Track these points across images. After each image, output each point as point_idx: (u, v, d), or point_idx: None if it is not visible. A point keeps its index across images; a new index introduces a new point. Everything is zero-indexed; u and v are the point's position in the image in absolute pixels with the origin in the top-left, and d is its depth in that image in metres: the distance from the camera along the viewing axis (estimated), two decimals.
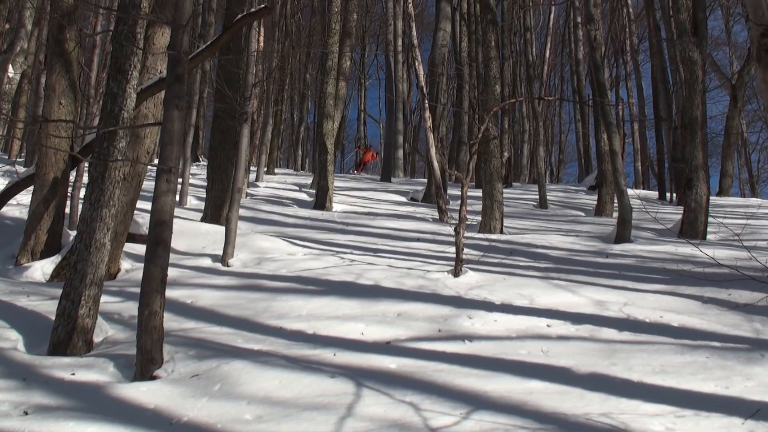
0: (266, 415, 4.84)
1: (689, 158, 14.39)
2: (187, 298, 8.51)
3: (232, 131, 13.43)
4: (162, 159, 5.98)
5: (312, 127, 43.69)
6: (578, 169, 40.98)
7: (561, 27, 42.34)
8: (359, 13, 35.53)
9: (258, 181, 24.37)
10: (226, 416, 4.81)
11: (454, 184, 24.47)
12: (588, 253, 12.00)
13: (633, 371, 5.64)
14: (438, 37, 23.22)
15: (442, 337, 6.95)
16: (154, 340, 5.70)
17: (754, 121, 43.13)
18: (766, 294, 7.71)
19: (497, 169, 14.90)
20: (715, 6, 33.95)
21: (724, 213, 17.76)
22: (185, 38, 6.26)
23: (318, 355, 6.20)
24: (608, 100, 15.75)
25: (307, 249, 11.90)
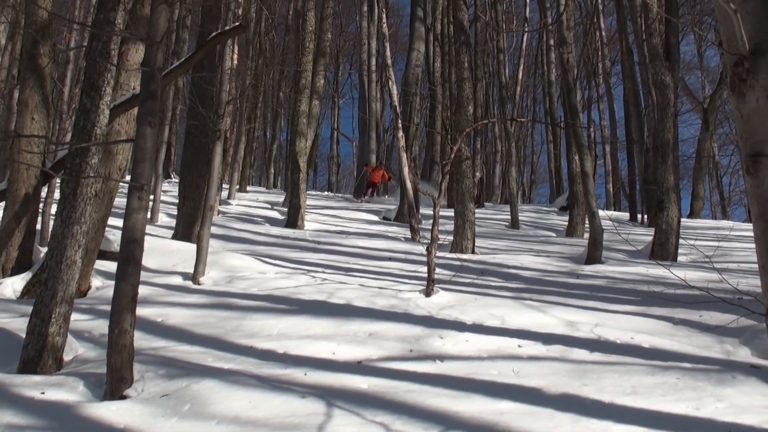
0: None
1: (661, 180, 14.53)
2: (157, 316, 8.44)
3: (205, 148, 13.41)
4: (134, 176, 5.93)
5: (285, 145, 43.70)
6: (550, 190, 41.30)
7: (534, 49, 42.75)
8: (333, 33, 35.66)
9: (230, 199, 24.32)
10: None
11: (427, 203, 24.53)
12: (559, 273, 12.05)
13: (604, 392, 5.64)
14: (412, 57, 23.37)
15: (413, 357, 6.92)
16: (125, 359, 5.64)
17: (726, 145, 43.72)
18: (737, 316, 7.77)
19: (469, 189, 14.95)
20: (687, 31, 34.38)
21: (695, 235, 17.90)
22: (159, 55, 6.24)
23: (289, 375, 6.16)
24: (580, 122, 15.88)
25: (279, 267, 11.87)
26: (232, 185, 25.55)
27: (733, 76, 2.05)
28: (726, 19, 2.13)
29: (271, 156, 41.61)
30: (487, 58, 36.97)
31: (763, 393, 5.58)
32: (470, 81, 15.91)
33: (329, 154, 52.85)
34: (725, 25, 2.16)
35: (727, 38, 2.15)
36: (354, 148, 53.04)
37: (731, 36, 2.11)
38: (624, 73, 27.65)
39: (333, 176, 51.66)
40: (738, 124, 2.08)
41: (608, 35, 36.54)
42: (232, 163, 25.97)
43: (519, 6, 44.03)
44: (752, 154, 2.00)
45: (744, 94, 2.02)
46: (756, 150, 1.99)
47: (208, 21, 13.89)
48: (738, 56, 2.01)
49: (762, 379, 5.91)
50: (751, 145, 2.02)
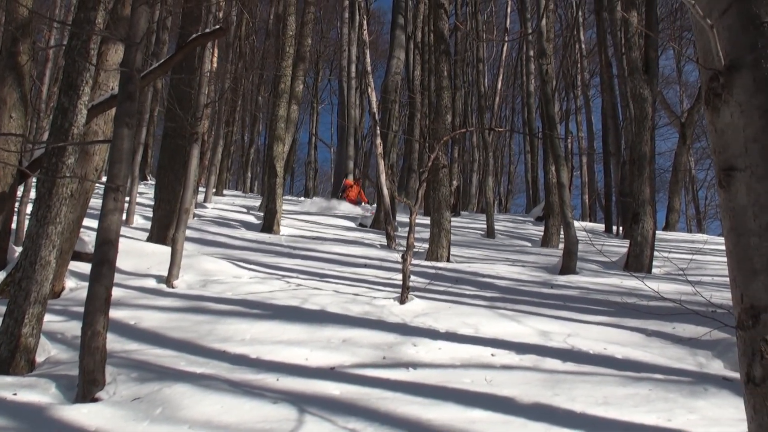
0: None
1: (637, 193, 14.61)
2: (130, 319, 8.40)
3: (182, 151, 13.35)
4: (110, 177, 5.91)
5: (262, 150, 43.59)
6: (526, 200, 41.44)
7: (513, 60, 42.91)
8: (314, 38, 35.66)
9: (206, 202, 24.21)
10: None
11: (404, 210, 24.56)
12: (534, 283, 12.09)
13: (576, 402, 5.66)
14: (392, 65, 23.38)
15: (386, 364, 6.93)
16: (97, 362, 5.60)
17: (703, 159, 44.04)
18: (710, 329, 7.81)
19: (446, 198, 14.97)
20: (667, 46, 34.66)
21: (670, 248, 18.02)
22: (138, 56, 6.22)
23: (261, 380, 6.14)
24: (558, 133, 15.96)
25: (254, 272, 11.83)
26: (208, 189, 25.42)
27: (708, 91, 2.06)
28: (702, 34, 2.15)
29: (248, 160, 41.48)
30: (467, 67, 37.09)
31: (734, 405, 5.62)
32: (449, 90, 15.95)
33: (307, 159, 52.72)
34: (701, 40, 2.18)
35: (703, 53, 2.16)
36: (332, 154, 53.03)
37: (707, 51, 2.12)
38: (603, 86, 27.82)
39: (310, 182, 51.55)
40: (712, 138, 2.10)
41: (588, 48, 36.79)
42: (209, 166, 25.86)
43: (500, 17, 44.21)
44: (725, 168, 2.01)
45: (718, 108, 2.04)
46: (729, 164, 2.00)
47: (189, 23, 13.85)
48: (713, 71, 2.02)
49: (734, 391, 5.95)
50: (724, 159, 2.03)
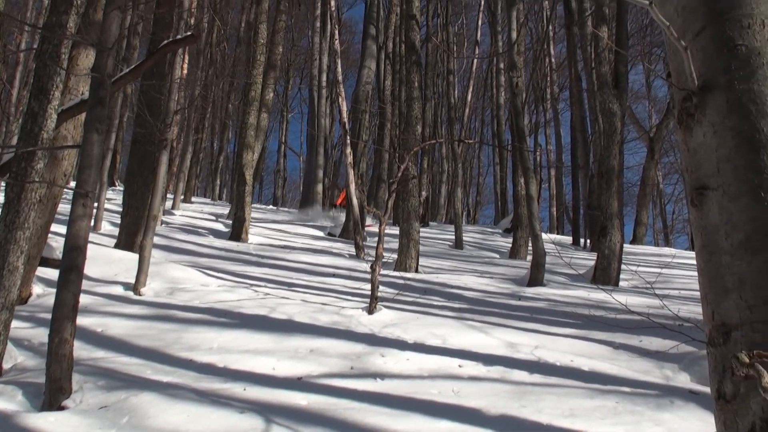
0: None
1: (604, 206, 14.73)
2: (97, 326, 8.32)
3: (151, 157, 13.28)
4: (79, 183, 5.86)
5: (231, 157, 43.46)
6: (495, 211, 41.68)
7: (484, 72, 43.11)
8: (285, 47, 35.63)
9: (174, 209, 24.09)
10: None
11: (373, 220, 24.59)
12: (501, 295, 12.13)
13: (543, 413, 5.68)
14: (363, 75, 23.47)
15: (354, 374, 6.91)
16: (64, 369, 5.55)
17: (671, 173, 44.60)
18: (677, 342, 7.88)
19: (415, 208, 15.01)
20: (636, 61, 35.00)
21: (637, 261, 18.17)
22: (110, 61, 6.19)
23: (228, 389, 6.10)
24: (527, 146, 16.04)
25: (221, 280, 11.78)
26: (176, 195, 25.30)
27: (681, 111, 2.09)
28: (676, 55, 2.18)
29: (217, 167, 41.35)
30: (437, 78, 37.24)
31: (700, 418, 5.67)
32: (420, 100, 16.01)
33: (276, 167, 52.76)
34: (675, 60, 2.20)
35: (677, 73, 2.19)
36: (301, 163, 53.02)
37: (680, 71, 2.15)
38: (572, 100, 28.03)
39: (279, 190, 51.50)
40: (684, 157, 2.13)
41: (557, 62, 37.06)
42: (178, 173, 25.75)
43: (470, 29, 44.44)
44: (697, 187, 2.04)
45: (691, 128, 2.06)
46: (701, 183, 2.03)
47: (160, 29, 13.79)
48: (687, 91, 2.05)
49: (700, 404, 6.00)
50: (696, 178, 2.06)
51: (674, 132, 38.97)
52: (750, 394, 1.84)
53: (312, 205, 30.53)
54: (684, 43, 1.99)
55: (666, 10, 2.18)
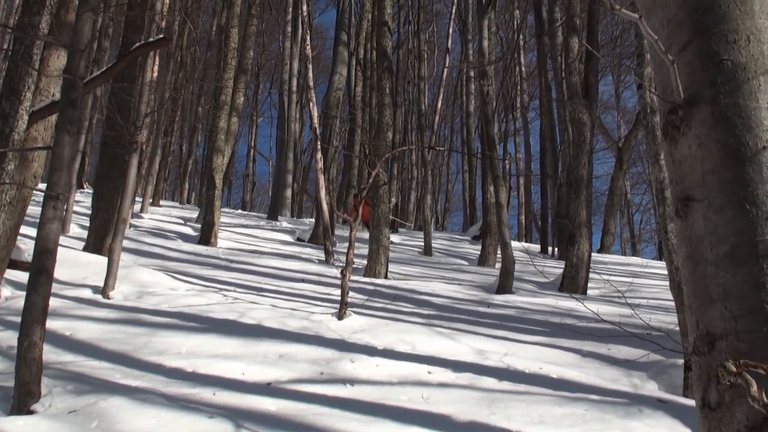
0: None
1: (573, 215, 14.83)
2: (66, 329, 8.24)
3: (121, 160, 13.21)
4: (50, 185, 5.82)
5: (200, 161, 43.25)
6: (463, 218, 41.85)
7: (453, 80, 43.24)
8: (256, 51, 35.56)
9: (143, 213, 23.94)
10: None
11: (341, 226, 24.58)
12: (470, 302, 12.18)
13: (512, 420, 5.72)
14: (334, 80, 23.48)
15: (324, 380, 6.91)
16: (33, 373, 5.49)
17: (638, 183, 45.13)
18: (645, 351, 7.95)
19: (385, 214, 15.03)
20: (606, 72, 35.30)
21: (605, 270, 18.31)
22: (82, 63, 6.16)
23: (197, 394, 6.08)
24: (497, 154, 16.13)
25: (190, 285, 11.72)
26: (145, 199, 25.15)
27: (667, 123, 2.12)
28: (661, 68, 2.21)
29: (186, 171, 41.11)
30: (408, 85, 37.31)
31: (669, 426, 5.73)
32: (391, 107, 16.05)
33: (245, 171, 52.60)
34: (660, 73, 2.24)
35: (662, 86, 2.22)
36: (270, 167, 52.97)
37: (666, 84, 2.19)
38: (542, 109, 28.19)
39: (248, 194, 51.37)
40: (669, 168, 2.16)
41: (528, 71, 37.27)
42: (147, 176, 25.61)
43: (441, 37, 44.58)
44: (682, 198, 2.08)
45: (677, 140, 2.10)
46: (686, 194, 2.06)
47: (132, 31, 13.72)
48: (672, 104, 2.08)
49: (668, 413, 6.07)
50: (681, 189, 2.09)
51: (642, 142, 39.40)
52: (735, 403, 1.88)
53: (281, 210, 30.51)
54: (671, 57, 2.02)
55: (652, 23, 2.21)
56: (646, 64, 8.24)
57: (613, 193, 26.32)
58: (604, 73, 35.22)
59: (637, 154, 38.60)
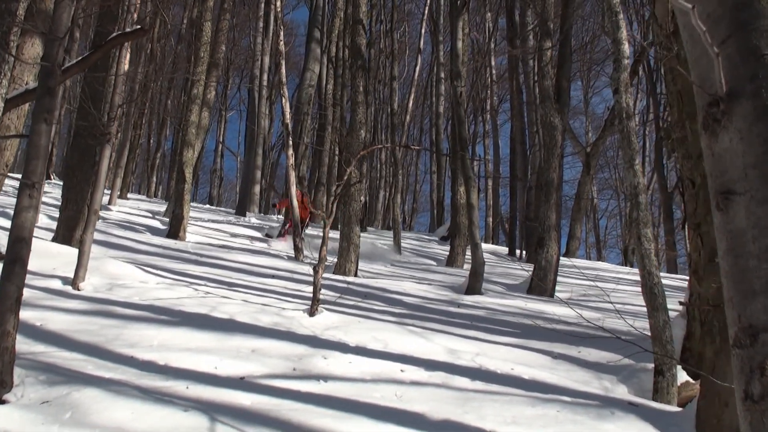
0: None
1: (543, 218, 14.91)
2: (36, 320, 8.14)
3: (92, 150, 13.09)
4: (26, 173, 5.75)
5: (168, 155, 42.95)
6: (430, 219, 41.88)
7: (423, 80, 43.31)
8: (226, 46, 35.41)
9: (111, 205, 23.72)
10: None
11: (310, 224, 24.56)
12: (441, 301, 12.22)
13: (486, 420, 5.73)
14: (306, 77, 23.49)
15: (297, 375, 6.89)
16: (6, 363, 5.42)
17: (605, 189, 45.42)
18: (617, 355, 8.00)
19: (356, 212, 15.04)
20: (575, 77, 35.54)
21: (571, 274, 18.41)
22: (60, 51, 6.09)
23: (170, 387, 6.03)
24: (468, 154, 16.18)
25: (161, 278, 11.64)
26: (113, 191, 24.91)
27: (707, 116, 2.13)
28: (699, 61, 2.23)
29: (154, 164, 40.80)
30: (379, 84, 37.32)
31: (640, 429, 5.79)
32: (364, 105, 16.05)
33: (212, 167, 52.34)
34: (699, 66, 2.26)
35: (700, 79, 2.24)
36: (238, 163, 52.75)
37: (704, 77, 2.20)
38: (513, 112, 28.30)
39: (215, 190, 51.14)
40: (708, 162, 2.17)
41: (498, 73, 37.42)
42: (116, 168, 25.40)
43: (413, 37, 44.66)
44: (723, 192, 2.09)
45: (717, 134, 2.11)
46: (727, 188, 2.08)
47: (106, 21, 13.61)
48: (713, 97, 2.10)
49: (640, 416, 6.12)
50: (721, 183, 2.11)
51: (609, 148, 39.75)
52: None
53: (249, 206, 30.38)
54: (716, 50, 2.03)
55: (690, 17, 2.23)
56: (622, 69, 8.27)
57: (580, 198, 26.48)
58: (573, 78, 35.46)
59: (604, 160, 39.00)
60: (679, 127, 7.84)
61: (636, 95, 35.51)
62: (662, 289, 7.43)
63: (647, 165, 34.00)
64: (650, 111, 33.97)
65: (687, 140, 7.63)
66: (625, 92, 8.19)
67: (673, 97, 7.99)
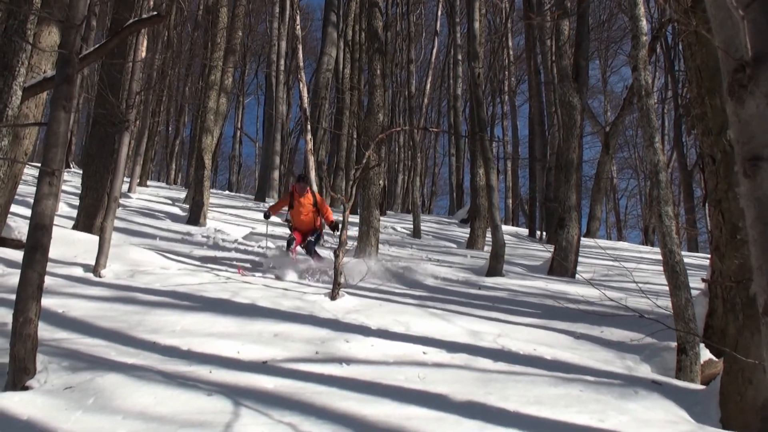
0: (142, 431, 4.68)
1: (563, 199, 14.82)
2: (58, 307, 8.17)
3: (111, 138, 13.15)
4: (46, 161, 5.75)
5: (187, 142, 42.98)
6: (449, 202, 41.72)
7: (441, 63, 43.12)
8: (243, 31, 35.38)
9: (131, 193, 23.83)
10: (101, 431, 4.63)
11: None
12: (462, 284, 12.20)
13: (509, 401, 5.70)
14: (323, 62, 23.42)
15: (319, 359, 6.89)
16: (28, 349, 5.44)
17: (624, 169, 45.12)
18: (641, 335, 7.94)
19: (375, 196, 15.00)
20: (593, 56, 35.26)
21: (592, 254, 18.33)
22: (77, 39, 6.08)
23: (193, 372, 6.04)
24: (487, 135, 16.10)
25: (182, 264, 11.68)
26: (133, 179, 25.01)
27: (733, 82, 2.09)
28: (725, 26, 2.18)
29: (173, 151, 40.85)
30: (396, 67, 37.21)
31: (664, 408, 5.75)
32: (382, 88, 15.98)
33: (231, 153, 52.36)
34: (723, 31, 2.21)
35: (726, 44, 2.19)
36: (257, 149, 52.73)
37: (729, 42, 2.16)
38: (531, 92, 28.14)
39: (234, 176, 51.19)
40: (735, 128, 2.13)
41: (515, 54, 37.21)
42: (135, 156, 25.47)
43: (429, 19, 44.53)
44: (750, 158, 2.06)
45: (743, 99, 2.07)
46: (754, 154, 2.04)
47: (123, 8, 13.62)
48: (739, 62, 2.06)
49: (663, 394, 6.08)
50: (749, 149, 2.07)
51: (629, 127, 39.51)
52: None
53: (268, 192, 30.38)
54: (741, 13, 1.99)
55: None
56: (641, 46, 8.19)
57: (600, 178, 26.36)
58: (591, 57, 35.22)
59: (623, 139, 38.74)
60: (698, 103, 7.75)
61: (654, 73, 35.23)
62: (684, 267, 7.37)
63: (666, 144, 33.79)
64: (668, 89, 33.77)
65: (707, 116, 7.53)
66: (644, 70, 8.11)
67: (692, 73, 7.89)
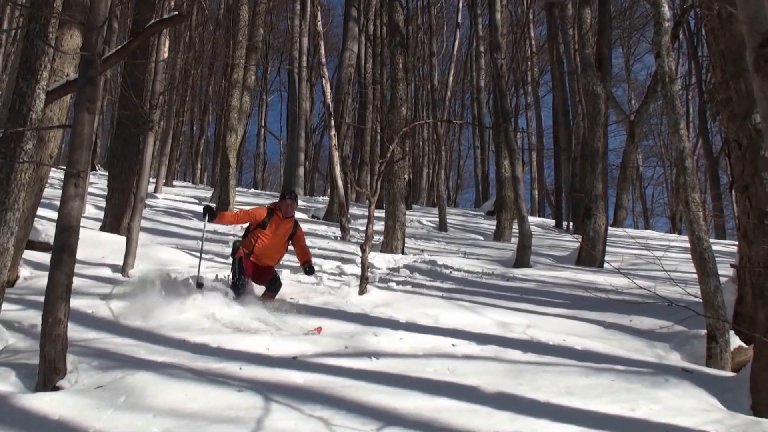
0: (174, 428, 4.69)
1: (589, 188, 14.73)
2: (87, 308, 8.23)
3: (135, 139, 13.22)
4: (71, 163, 5.77)
5: (212, 141, 43.13)
6: (475, 194, 41.65)
7: (463, 55, 42.96)
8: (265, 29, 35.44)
9: (157, 193, 23.95)
10: (133, 428, 4.65)
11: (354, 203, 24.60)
12: (489, 275, 12.17)
13: (540, 391, 5.67)
14: (345, 57, 23.36)
15: (349, 353, 6.89)
16: (58, 350, 5.48)
17: (650, 157, 44.76)
18: (669, 323, 7.88)
19: (401, 190, 15.00)
20: (616, 44, 35.01)
21: (620, 243, 18.22)
22: (99, 40, 6.11)
23: (223, 369, 6.07)
24: (512, 127, 16.03)
25: (210, 262, 11.72)
26: (159, 179, 25.14)
27: (758, 58, 2.06)
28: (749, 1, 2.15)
29: (198, 151, 41.04)
30: (417, 61, 37.14)
31: (695, 396, 5.69)
32: (404, 82, 15.97)
33: (255, 151, 52.48)
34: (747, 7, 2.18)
35: (750, 19, 2.16)
36: (281, 146, 52.78)
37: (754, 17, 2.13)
38: (554, 82, 27.98)
39: (259, 174, 51.31)
40: (762, 105, 2.10)
41: (538, 45, 37.01)
42: (160, 156, 25.58)
43: (450, 12, 44.38)
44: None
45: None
46: None
47: (144, 9, 13.69)
48: (764, 36, 2.02)
49: (694, 382, 6.02)
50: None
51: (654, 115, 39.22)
52: None
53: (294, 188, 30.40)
54: None
55: None
56: (663, 32, 8.10)
57: (626, 167, 26.17)
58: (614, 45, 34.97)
59: (648, 127, 38.37)
60: (722, 88, 7.67)
61: (677, 59, 34.92)
62: (712, 254, 7.29)
63: (691, 130, 33.50)
64: (692, 75, 33.46)
65: (731, 101, 7.46)
66: (667, 56, 8.02)
67: (716, 58, 7.81)
